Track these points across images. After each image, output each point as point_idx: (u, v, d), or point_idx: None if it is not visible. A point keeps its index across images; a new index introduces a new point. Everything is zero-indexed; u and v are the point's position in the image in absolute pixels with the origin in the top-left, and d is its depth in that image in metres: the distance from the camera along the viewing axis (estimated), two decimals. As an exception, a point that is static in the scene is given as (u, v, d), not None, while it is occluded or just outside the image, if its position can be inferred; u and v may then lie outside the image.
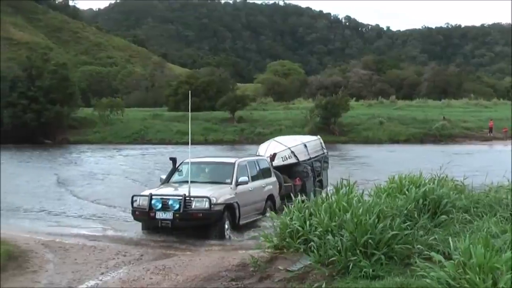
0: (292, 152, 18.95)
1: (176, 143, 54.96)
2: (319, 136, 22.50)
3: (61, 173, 31.70)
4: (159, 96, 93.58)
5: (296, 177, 18.62)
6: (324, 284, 8.04)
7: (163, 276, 9.90)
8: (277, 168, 17.62)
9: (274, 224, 10.81)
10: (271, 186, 16.40)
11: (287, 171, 18.48)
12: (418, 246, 8.80)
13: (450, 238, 8.33)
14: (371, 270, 8.10)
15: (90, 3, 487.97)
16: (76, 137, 62.94)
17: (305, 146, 19.88)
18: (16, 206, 19.92)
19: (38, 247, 12.25)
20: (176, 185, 14.93)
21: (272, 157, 17.58)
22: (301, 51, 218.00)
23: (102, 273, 10.40)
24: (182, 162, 15.89)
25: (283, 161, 18.42)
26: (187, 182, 13.97)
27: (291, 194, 16.90)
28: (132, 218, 14.46)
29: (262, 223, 14.66)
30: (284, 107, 79.37)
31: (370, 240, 8.55)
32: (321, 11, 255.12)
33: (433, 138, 60.10)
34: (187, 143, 14.34)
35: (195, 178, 14.38)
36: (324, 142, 22.48)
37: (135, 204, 13.97)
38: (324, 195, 11.83)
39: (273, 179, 16.76)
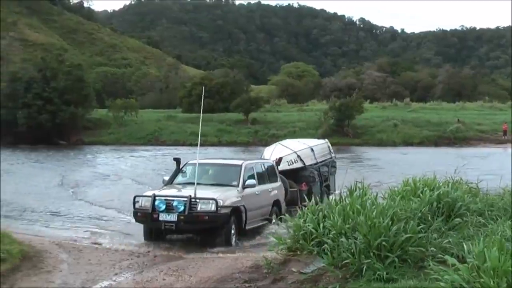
0: (299, 156, 18.40)
1: (190, 145, 55.03)
2: (326, 140, 22.01)
3: (75, 175, 31.86)
4: (173, 98, 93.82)
5: (302, 182, 18.03)
6: (337, 286, 8.05)
7: (176, 277, 9.93)
8: (283, 172, 17.04)
9: (288, 226, 10.79)
10: (277, 191, 15.86)
11: (293, 175, 17.88)
12: (432, 249, 8.76)
13: (464, 241, 8.31)
14: (385, 272, 8.08)
15: (104, 4, 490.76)
16: (90, 138, 63.23)
17: (312, 150, 19.31)
18: (29, 208, 20.03)
19: (52, 247, 12.30)
20: (180, 186, 14.35)
21: (278, 161, 17.09)
22: (315, 53, 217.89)
23: (116, 274, 10.44)
24: (186, 163, 15.38)
25: (288, 165, 17.82)
26: (191, 183, 13.53)
27: (298, 200, 16.80)
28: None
29: (268, 229, 14.41)
30: (298, 109, 79.33)
31: (384, 243, 8.52)
32: (335, 13, 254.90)
33: (447, 140, 59.84)
34: (201, 145, 14.16)
35: (200, 180, 13.69)
36: (338, 144, 22.24)
37: (137, 205, 13.41)
38: (337, 198, 11.75)
39: (279, 183, 16.21)
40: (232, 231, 13.37)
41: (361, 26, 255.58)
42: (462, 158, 35.64)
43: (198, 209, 12.88)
